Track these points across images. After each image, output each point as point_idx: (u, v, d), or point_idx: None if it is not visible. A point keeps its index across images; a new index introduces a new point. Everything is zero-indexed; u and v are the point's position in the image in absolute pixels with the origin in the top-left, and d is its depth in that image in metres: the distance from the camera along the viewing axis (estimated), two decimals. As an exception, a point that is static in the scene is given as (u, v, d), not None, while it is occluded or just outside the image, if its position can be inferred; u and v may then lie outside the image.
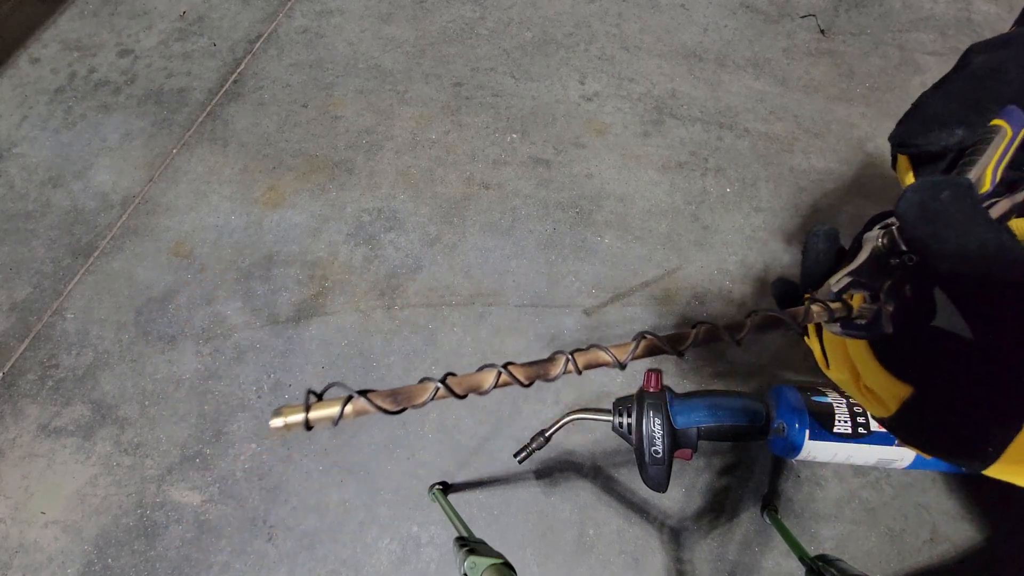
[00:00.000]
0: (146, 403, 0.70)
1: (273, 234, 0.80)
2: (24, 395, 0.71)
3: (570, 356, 0.21)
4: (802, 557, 0.49)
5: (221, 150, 0.88)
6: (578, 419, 0.56)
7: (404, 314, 0.74)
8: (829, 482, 0.63)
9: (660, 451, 0.53)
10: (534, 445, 0.56)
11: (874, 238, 0.21)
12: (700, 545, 0.61)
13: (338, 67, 0.95)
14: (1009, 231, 0.22)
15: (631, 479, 0.64)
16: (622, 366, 0.21)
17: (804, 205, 0.79)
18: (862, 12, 0.98)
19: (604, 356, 0.21)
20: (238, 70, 0.96)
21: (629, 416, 0.55)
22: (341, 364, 0.71)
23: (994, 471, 0.18)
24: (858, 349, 0.22)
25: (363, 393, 0.18)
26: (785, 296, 0.29)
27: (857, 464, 0.56)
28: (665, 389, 0.55)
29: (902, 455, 0.53)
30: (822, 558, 0.46)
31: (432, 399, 0.19)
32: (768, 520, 0.59)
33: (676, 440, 0.54)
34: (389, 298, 0.75)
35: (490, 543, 0.45)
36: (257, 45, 0.99)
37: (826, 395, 0.55)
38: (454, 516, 0.53)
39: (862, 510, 0.62)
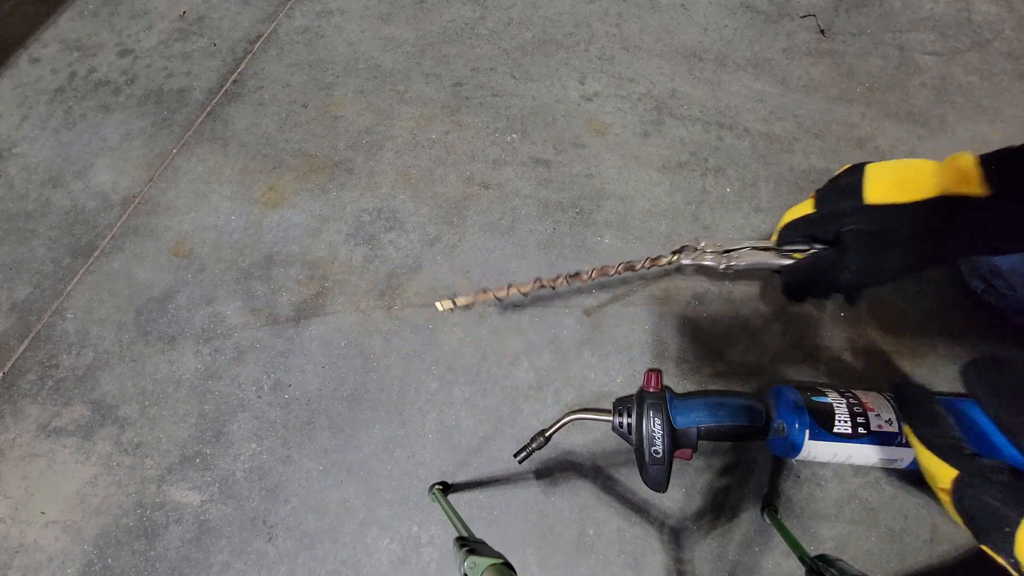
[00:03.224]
0: (146, 403, 0.70)
1: (273, 234, 0.80)
2: (24, 395, 0.71)
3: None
4: (802, 557, 0.49)
5: (221, 150, 0.88)
6: (578, 419, 0.57)
7: (404, 314, 0.74)
8: (829, 482, 0.63)
9: (660, 451, 0.53)
10: (534, 445, 0.56)
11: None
12: (700, 545, 0.61)
13: (338, 67, 0.95)
14: None
15: (631, 479, 0.64)
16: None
17: (804, 205, 0.79)
18: (862, 12, 0.98)
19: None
20: (238, 70, 0.96)
21: (629, 416, 0.55)
22: (341, 364, 0.71)
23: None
24: (919, 447, 0.34)
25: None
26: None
27: (857, 464, 0.56)
28: (665, 389, 0.55)
29: (902, 455, 0.53)
30: (822, 558, 0.46)
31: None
32: (768, 520, 0.59)
33: (676, 440, 0.54)
34: (389, 298, 0.75)
35: (490, 543, 0.45)
36: (257, 45, 0.99)
37: (826, 395, 0.55)
38: (454, 516, 0.53)
39: (862, 510, 0.62)
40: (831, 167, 0.82)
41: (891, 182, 0.39)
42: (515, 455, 0.56)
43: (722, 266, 0.57)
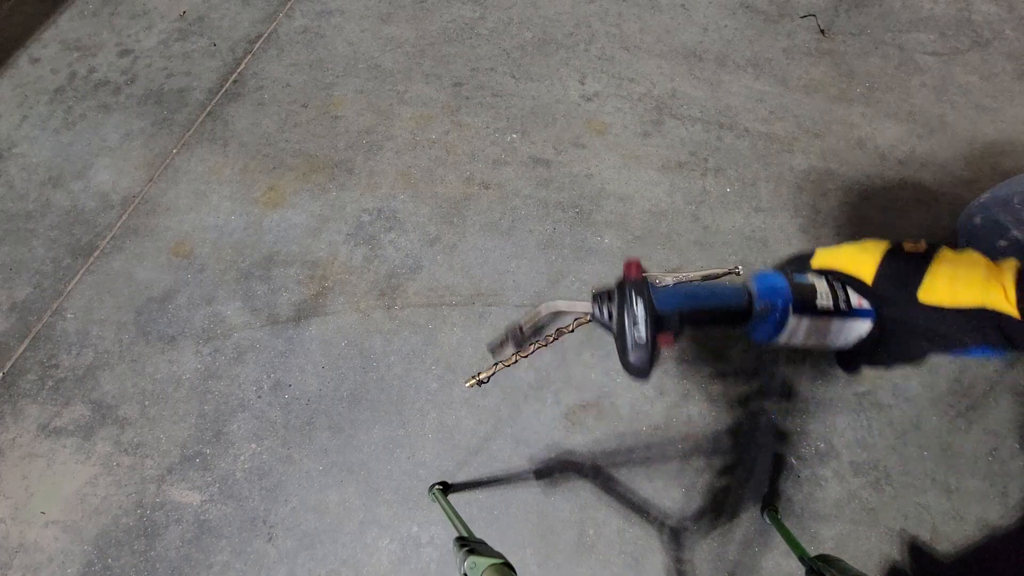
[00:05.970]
0: (146, 403, 0.70)
1: (273, 234, 0.80)
2: (24, 395, 0.71)
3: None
4: (802, 557, 0.49)
5: (221, 150, 0.88)
6: (555, 310, 0.58)
7: (404, 314, 0.74)
8: (829, 482, 0.63)
9: (643, 335, 0.54)
10: (509, 336, 0.57)
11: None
12: (700, 545, 0.61)
13: (338, 67, 0.95)
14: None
15: (631, 479, 0.64)
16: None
17: (804, 205, 0.79)
18: (862, 12, 0.98)
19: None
20: (238, 70, 0.96)
21: (611, 303, 0.56)
22: (341, 364, 0.71)
23: None
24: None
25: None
26: None
27: (839, 344, 0.57)
28: (646, 276, 0.57)
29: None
30: (822, 558, 0.46)
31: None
32: (768, 520, 0.59)
33: (659, 324, 0.54)
34: (389, 298, 0.75)
35: (490, 543, 0.45)
36: (257, 45, 0.99)
37: (806, 275, 0.57)
38: (454, 516, 0.53)
39: (862, 510, 0.62)
40: (831, 167, 0.82)
41: (946, 287, 0.46)
42: (489, 348, 0.57)
43: None
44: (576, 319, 0.72)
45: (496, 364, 0.69)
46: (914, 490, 0.62)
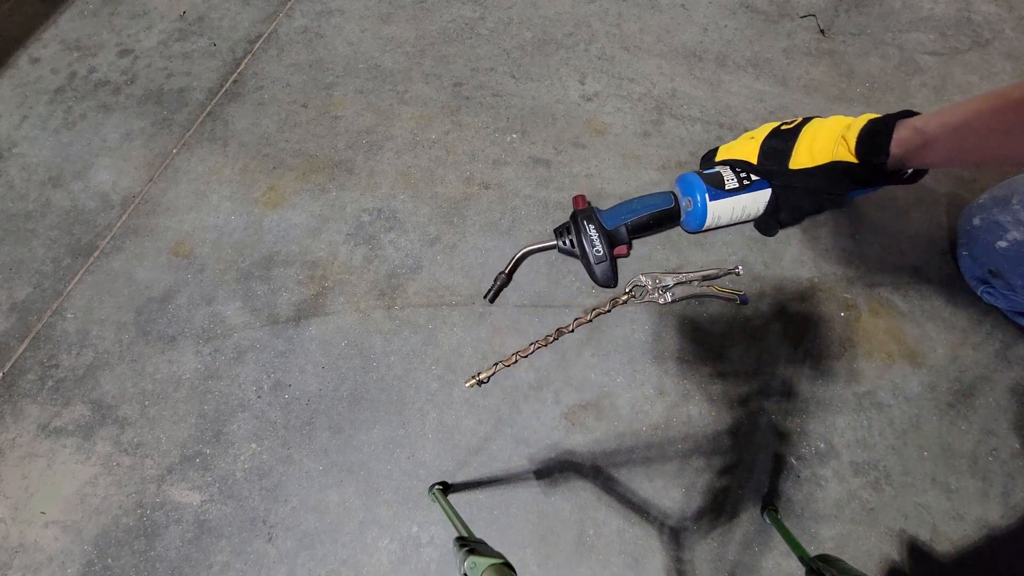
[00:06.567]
0: (146, 403, 0.70)
1: (273, 234, 0.80)
2: (24, 395, 0.71)
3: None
4: (802, 557, 0.49)
5: (221, 150, 0.88)
6: (529, 252, 0.72)
7: (404, 314, 0.74)
8: (829, 482, 0.63)
9: (601, 250, 0.66)
10: (498, 284, 0.70)
11: None
12: (700, 545, 0.61)
13: (338, 67, 0.95)
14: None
15: (631, 479, 0.64)
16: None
17: (804, 205, 0.79)
18: (862, 12, 0.98)
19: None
20: (238, 70, 0.96)
21: (569, 234, 0.69)
22: (341, 364, 0.71)
23: None
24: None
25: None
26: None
27: (753, 214, 0.69)
28: (591, 206, 0.70)
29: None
30: (822, 558, 0.46)
31: None
32: (768, 520, 0.59)
33: (611, 239, 0.67)
34: (389, 298, 0.75)
35: (490, 543, 0.45)
36: (257, 45, 0.99)
37: (715, 167, 0.69)
38: (454, 516, 0.53)
39: (862, 510, 0.62)
40: (831, 167, 0.82)
41: (806, 153, 0.58)
42: (485, 296, 0.70)
43: (661, 300, 0.71)
44: (576, 319, 0.74)
45: (496, 364, 0.71)
46: (914, 490, 0.62)
